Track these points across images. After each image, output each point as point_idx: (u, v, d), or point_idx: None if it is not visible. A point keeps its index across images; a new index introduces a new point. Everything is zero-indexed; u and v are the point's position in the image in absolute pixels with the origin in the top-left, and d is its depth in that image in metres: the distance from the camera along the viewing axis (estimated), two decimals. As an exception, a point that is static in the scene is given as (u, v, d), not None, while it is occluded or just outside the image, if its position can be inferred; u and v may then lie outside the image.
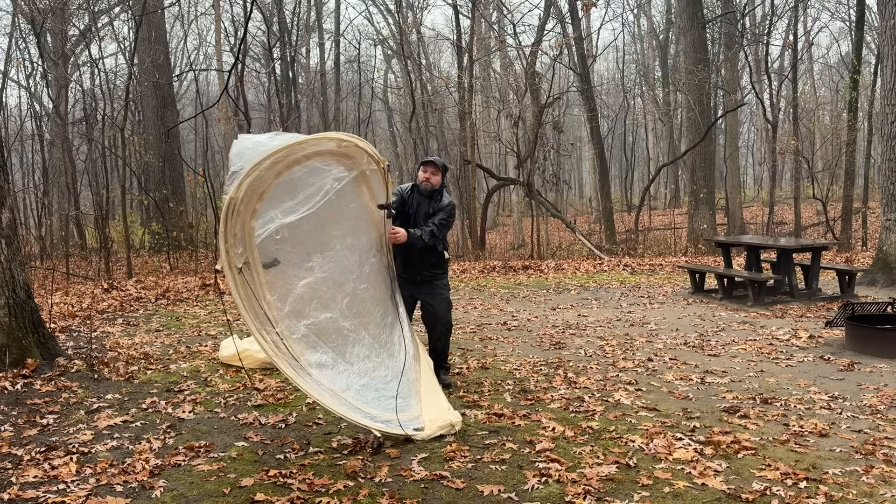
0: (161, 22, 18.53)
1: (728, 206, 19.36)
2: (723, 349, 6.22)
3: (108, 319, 8.14)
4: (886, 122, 9.52)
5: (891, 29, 9.41)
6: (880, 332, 5.98)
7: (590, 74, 18.93)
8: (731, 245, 10.18)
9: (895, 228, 9.40)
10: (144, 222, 19.13)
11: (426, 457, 3.76)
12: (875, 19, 17.24)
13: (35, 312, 5.86)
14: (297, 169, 4.02)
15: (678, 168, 25.56)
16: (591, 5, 12.58)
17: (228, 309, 8.78)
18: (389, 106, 29.97)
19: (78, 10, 16.73)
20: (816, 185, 18.91)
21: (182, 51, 29.12)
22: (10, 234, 5.67)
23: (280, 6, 19.97)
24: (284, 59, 21.06)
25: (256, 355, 5.74)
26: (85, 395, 4.98)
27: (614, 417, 4.35)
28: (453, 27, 19.43)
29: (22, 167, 21.81)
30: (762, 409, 4.49)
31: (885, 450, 3.75)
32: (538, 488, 3.35)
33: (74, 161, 16.86)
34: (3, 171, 5.82)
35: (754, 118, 31.79)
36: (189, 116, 18.67)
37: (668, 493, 3.27)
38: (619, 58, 30.29)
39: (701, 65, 16.64)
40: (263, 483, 3.46)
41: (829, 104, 27.38)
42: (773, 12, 18.84)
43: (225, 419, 4.46)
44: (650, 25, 31.00)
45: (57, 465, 3.65)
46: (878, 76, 16.56)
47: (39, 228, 16.84)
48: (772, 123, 17.50)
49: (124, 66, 21.18)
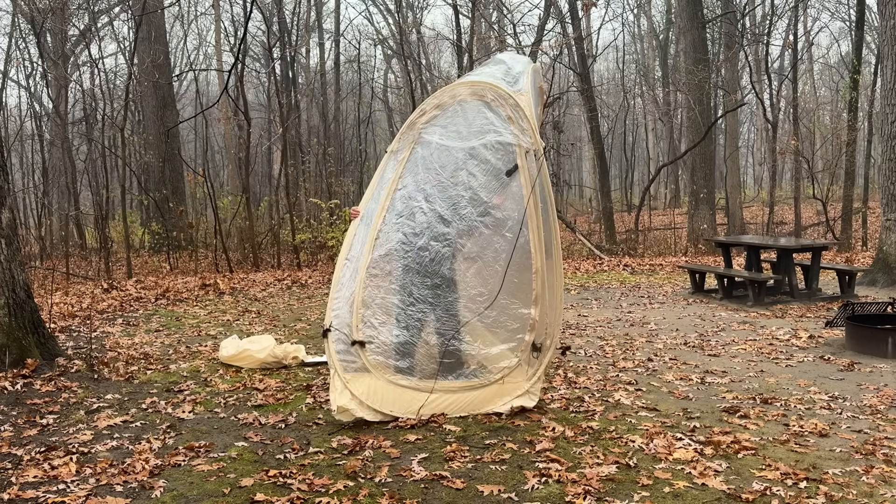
0: (161, 22, 18.53)
1: (728, 206, 19.36)
2: (723, 349, 6.22)
3: (108, 319, 8.15)
4: (886, 122, 9.52)
5: (891, 29, 9.41)
6: (880, 332, 5.98)
7: (590, 74, 18.92)
8: (731, 245, 10.18)
9: (895, 228, 9.40)
10: (144, 222, 19.12)
11: (426, 457, 3.76)
12: (875, 19, 17.25)
13: (35, 312, 5.86)
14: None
15: (678, 168, 25.57)
16: (591, 5, 12.59)
17: (228, 309, 8.79)
18: (389, 106, 29.96)
19: (78, 10, 16.74)
20: (816, 185, 18.91)
21: (182, 51, 29.14)
22: (10, 234, 5.67)
23: (280, 6, 19.97)
24: (284, 59, 21.07)
25: (256, 355, 5.75)
26: (85, 395, 4.98)
27: (614, 417, 4.35)
28: (453, 27, 19.42)
29: (22, 167, 21.82)
30: (762, 409, 4.49)
31: (885, 450, 3.75)
32: (538, 488, 3.35)
33: (74, 161, 16.87)
34: (3, 171, 5.82)
35: (754, 118, 31.78)
36: (189, 116, 18.73)
37: (668, 493, 3.27)
38: (619, 58, 30.31)
39: (701, 65, 16.64)
40: (263, 483, 3.46)
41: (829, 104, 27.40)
42: (773, 12, 18.85)
43: (225, 419, 4.46)
44: (650, 25, 31.01)
45: (57, 465, 3.65)
46: (878, 76, 16.57)
47: (39, 228, 16.85)
48: (772, 123, 17.51)
49: (124, 66, 21.18)
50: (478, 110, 4.58)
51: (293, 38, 21.93)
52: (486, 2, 20.43)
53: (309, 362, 5.82)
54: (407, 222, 4.51)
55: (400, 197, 4.55)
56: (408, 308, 4.42)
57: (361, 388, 4.25)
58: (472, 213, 4.48)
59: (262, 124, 23.49)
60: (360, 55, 26.79)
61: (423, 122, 4.64)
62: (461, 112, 4.61)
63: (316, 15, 25.35)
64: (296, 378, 5.41)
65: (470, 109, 4.60)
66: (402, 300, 4.44)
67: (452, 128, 4.60)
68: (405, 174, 4.58)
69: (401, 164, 4.60)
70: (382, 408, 4.27)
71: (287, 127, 17.00)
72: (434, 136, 4.61)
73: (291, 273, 12.49)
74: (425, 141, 4.62)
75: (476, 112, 4.58)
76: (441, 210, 4.49)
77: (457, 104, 4.62)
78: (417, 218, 4.50)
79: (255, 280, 11.49)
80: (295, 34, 22.35)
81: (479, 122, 4.56)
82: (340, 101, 24.85)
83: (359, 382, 4.28)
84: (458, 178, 4.54)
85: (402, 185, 4.57)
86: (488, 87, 4.60)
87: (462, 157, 4.57)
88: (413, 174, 4.59)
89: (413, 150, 4.61)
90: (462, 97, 4.62)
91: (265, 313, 8.46)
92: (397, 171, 4.59)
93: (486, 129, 4.54)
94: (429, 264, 4.45)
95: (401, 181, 4.57)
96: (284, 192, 15.92)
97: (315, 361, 5.84)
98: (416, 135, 4.63)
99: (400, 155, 4.64)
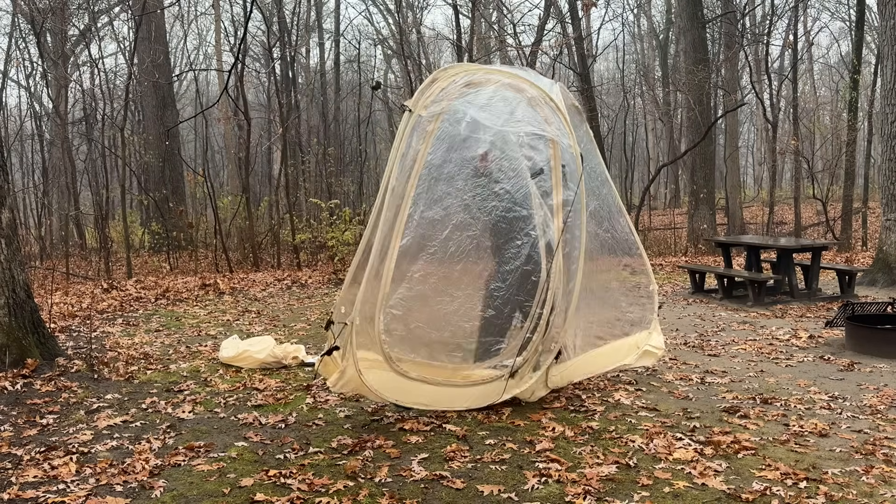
0: (161, 22, 18.52)
1: (728, 206, 19.35)
2: (723, 349, 6.22)
3: (108, 319, 8.14)
4: (886, 122, 9.52)
5: (891, 29, 9.41)
6: (880, 332, 5.98)
7: (590, 74, 18.90)
8: (731, 245, 10.18)
9: (895, 228, 9.40)
10: (144, 222, 19.12)
11: (426, 457, 3.76)
12: (875, 19, 17.24)
13: (35, 312, 5.86)
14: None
15: (678, 168, 25.55)
16: (591, 5, 12.57)
17: (228, 309, 8.79)
18: (389, 106, 29.96)
19: (78, 10, 16.74)
20: (816, 185, 18.91)
21: (182, 51, 29.11)
22: (10, 234, 5.67)
23: (280, 6, 19.96)
24: (284, 59, 21.05)
25: (256, 356, 5.75)
26: (85, 395, 4.98)
27: (614, 417, 4.35)
28: (453, 27, 19.42)
29: (22, 167, 21.80)
30: (762, 409, 4.49)
31: (885, 450, 3.75)
32: (538, 488, 3.35)
33: (74, 161, 16.86)
34: (3, 171, 5.83)
35: (754, 118, 31.76)
36: (189, 116, 18.70)
37: (668, 493, 3.27)
38: (619, 58, 30.25)
39: (701, 65, 16.63)
40: (263, 483, 3.46)
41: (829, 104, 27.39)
42: (773, 12, 18.83)
43: (225, 419, 4.46)
44: (650, 25, 31.00)
45: (57, 465, 3.65)
46: (878, 76, 16.56)
47: (39, 228, 16.85)
48: (772, 123, 17.50)
49: (124, 65, 21.16)
50: (517, 101, 4.43)
51: (293, 38, 21.92)
52: (486, 2, 20.42)
53: (309, 362, 5.82)
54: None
55: (426, 178, 4.20)
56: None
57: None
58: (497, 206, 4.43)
59: (262, 124, 23.48)
60: (360, 55, 26.80)
61: (454, 95, 4.25)
62: (500, 94, 4.41)
63: (316, 15, 25.35)
64: (296, 378, 5.41)
65: (510, 97, 4.43)
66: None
67: (490, 109, 4.36)
68: (431, 148, 4.20)
69: (429, 136, 4.18)
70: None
71: (287, 127, 17.00)
72: (470, 110, 4.31)
73: (291, 273, 12.48)
74: (457, 114, 4.27)
75: (516, 102, 4.43)
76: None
77: (492, 87, 4.40)
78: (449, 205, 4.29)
79: (255, 280, 11.49)
80: (295, 34, 22.33)
81: (521, 112, 4.42)
82: (340, 101, 24.84)
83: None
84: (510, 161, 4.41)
85: (430, 164, 4.21)
86: (527, 83, 4.47)
87: (505, 140, 4.40)
88: (441, 150, 4.25)
89: (442, 126, 4.23)
90: (498, 82, 4.42)
91: (265, 313, 8.46)
92: (426, 141, 4.18)
93: (528, 119, 4.41)
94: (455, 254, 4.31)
95: (429, 157, 4.18)
96: (284, 192, 15.92)
97: (315, 361, 5.84)
98: (448, 103, 4.22)
99: (428, 125, 4.18)
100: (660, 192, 32.51)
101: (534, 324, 4.46)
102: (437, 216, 4.25)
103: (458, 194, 4.34)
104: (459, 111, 4.30)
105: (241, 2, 20.60)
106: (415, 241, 4.17)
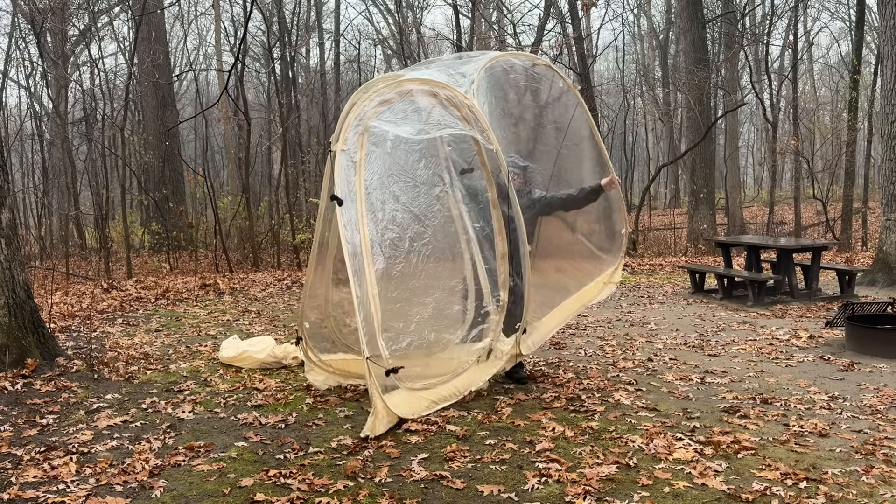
0: (161, 22, 18.52)
1: (728, 206, 19.36)
2: (723, 349, 6.22)
3: (108, 319, 8.14)
4: (886, 122, 9.52)
5: (891, 29, 9.41)
6: (880, 332, 5.98)
7: (590, 74, 18.89)
8: (731, 245, 10.18)
9: (895, 228, 9.40)
10: (144, 222, 19.12)
11: (426, 457, 3.76)
12: (875, 19, 17.24)
13: (35, 312, 5.86)
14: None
15: (678, 168, 25.56)
16: (591, 5, 12.57)
17: (228, 309, 8.79)
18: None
19: (78, 10, 16.73)
20: (816, 185, 18.91)
21: (182, 51, 29.10)
22: (10, 234, 5.67)
23: (280, 6, 19.96)
24: (284, 59, 21.04)
25: (256, 356, 5.75)
26: (85, 395, 4.98)
27: (614, 417, 4.35)
28: (453, 27, 19.42)
29: (22, 167, 21.79)
30: (762, 409, 4.49)
31: (885, 450, 3.75)
32: (538, 488, 3.35)
33: (74, 161, 16.85)
34: (3, 171, 5.82)
35: (754, 118, 31.77)
36: (189, 116, 18.70)
37: (668, 493, 3.27)
38: (619, 58, 30.23)
39: (701, 65, 16.63)
40: (263, 483, 3.46)
41: (829, 104, 27.40)
42: (773, 12, 18.84)
43: (225, 419, 4.45)
44: (650, 25, 31.00)
45: (57, 465, 3.65)
46: (878, 76, 16.57)
47: (39, 228, 16.85)
48: (772, 123, 17.51)
49: (124, 66, 21.16)
50: (431, 106, 4.55)
51: (293, 38, 21.91)
52: (486, 2, 20.42)
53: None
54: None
55: (373, 200, 4.34)
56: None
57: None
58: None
59: (262, 124, 23.46)
60: (360, 55, 26.79)
61: (370, 116, 4.34)
62: (412, 106, 4.54)
63: (316, 15, 25.34)
64: (296, 378, 5.41)
65: (423, 104, 4.55)
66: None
67: (408, 122, 4.50)
68: (367, 174, 4.32)
69: (360, 165, 4.29)
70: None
71: (287, 127, 17.00)
72: (389, 128, 4.42)
73: (291, 273, 12.48)
74: (379, 134, 4.38)
75: (430, 107, 4.55)
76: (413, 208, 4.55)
77: (406, 100, 4.50)
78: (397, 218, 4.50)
79: (255, 280, 11.49)
80: (295, 34, 22.32)
81: (437, 117, 4.56)
82: (340, 101, 24.81)
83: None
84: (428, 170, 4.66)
85: (370, 188, 4.33)
86: (440, 86, 4.59)
87: (424, 148, 4.63)
88: (377, 173, 4.40)
89: (368, 149, 4.34)
90: (411, 93, 4.52)
91: (265, 313, 8.46)
92: (359, 171, 4.28)
93: (445, 123, 4.55)
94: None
95: (366, 182, 4.31)
96: (284, 192, 15.92)
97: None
98: (365, 126, 4.31)
99: (355, 155, 4.28)
100: (660, 192, 32.51)
101: (494, 306, 4.91)
102: (395, 234, 4.46)
103: (405, 208, 4.55)
104: (381, 131, 4.42)
105: (241, 2, 20.59)
106: (387, 265, 4.38)
